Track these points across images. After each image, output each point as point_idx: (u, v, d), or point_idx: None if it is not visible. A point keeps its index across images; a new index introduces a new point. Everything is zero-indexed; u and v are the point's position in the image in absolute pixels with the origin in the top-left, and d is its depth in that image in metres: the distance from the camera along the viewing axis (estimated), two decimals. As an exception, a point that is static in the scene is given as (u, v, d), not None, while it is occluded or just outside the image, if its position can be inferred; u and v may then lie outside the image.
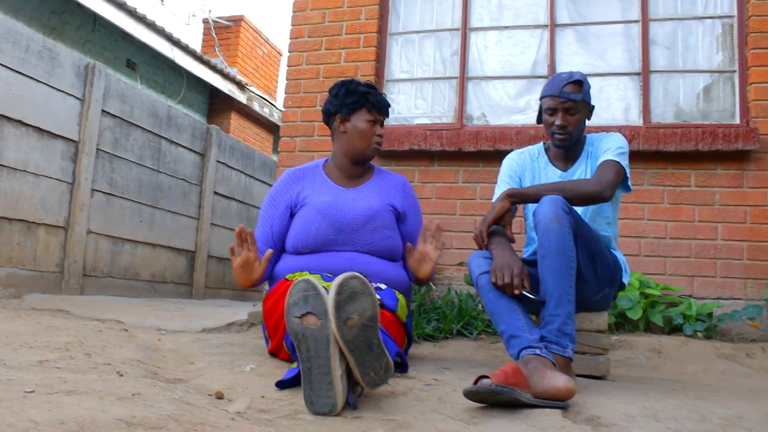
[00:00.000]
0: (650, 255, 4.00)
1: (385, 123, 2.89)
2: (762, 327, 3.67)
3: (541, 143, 2.78)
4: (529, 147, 2.80)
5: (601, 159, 2.53)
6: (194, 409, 1.40)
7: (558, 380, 1.87)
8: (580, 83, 2.59)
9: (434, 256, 2.59)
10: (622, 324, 3.72)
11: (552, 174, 2.66)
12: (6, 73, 4.53)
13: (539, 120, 2.72)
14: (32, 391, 1.33)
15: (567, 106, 2.55)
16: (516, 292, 2.20)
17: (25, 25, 4.99)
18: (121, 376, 1.80)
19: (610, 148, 2.55)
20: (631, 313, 3.63)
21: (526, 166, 2.73)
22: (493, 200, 2.70)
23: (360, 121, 2.68)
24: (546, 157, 2.72)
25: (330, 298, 1.69)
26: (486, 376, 1.78)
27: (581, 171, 2.63)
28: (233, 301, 7.06)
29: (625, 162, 2.53)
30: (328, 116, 2.78)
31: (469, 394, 1.77)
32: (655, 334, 3.66)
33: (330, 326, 1.68)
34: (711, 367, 3.13)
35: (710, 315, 3.68)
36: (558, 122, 2.56)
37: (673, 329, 3.70)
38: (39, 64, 4.83)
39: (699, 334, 3.56)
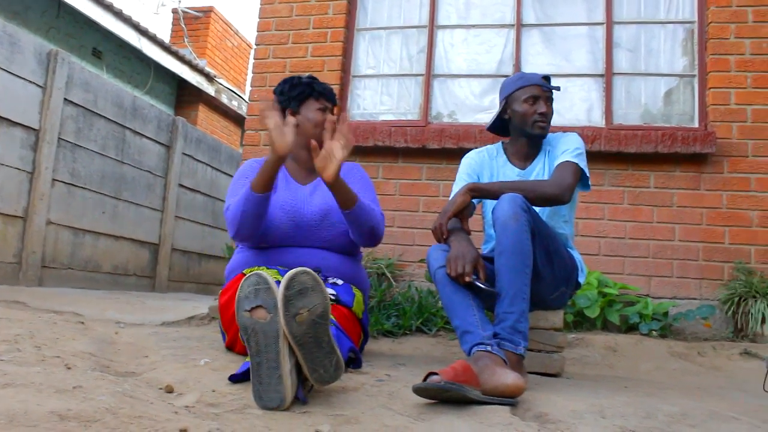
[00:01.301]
0: (609, 255, 4.07)
1: (350, 118, 2.89)
2: (714, 326, 3.75)
3: (500, 143, 2.81)
4: (488, 146, 2.83)
5: (559, 160, 2.56)
6: (136, 402, 1.39)
7: (508, 377, 1.88)
8: (549, 78, 2.70)
9: (339, 154, 2.31)
10: (580, 322, 3.77)
11: (510, 172, 2.69)
12: (-37, 59, 4.44)
13: (496, 124, 2.76)
14: (-32, 384, 1.31)
15: (549, 95, 2.64)
16: (467, 279, 2.21)
17: (-14, 10, 4.89)
18: (69, 369, 1.78)
19: (568, 149, 2.58)
20: (589, 311, 3.68)
21: (484, 164, 2.75)
22: (452, 197, 2.72)
23: (310, 111, 2.68)
24: (504, 156, 2.75)
25: (279, 293, 1.69)
26: (435, 373, 1.79)
27: (539, 169, 2.66)
28: (196, 295, 7.00)
29: (583, 163, 2.57)
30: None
31: (418, 391, 1.78)
32: (611, 332, 3.72)
33: (279, 321, 1.67)
34: (664, 365, 3.18)
35: (666, 314, 3.75)
36: (542, 110, 2.60)
37: (630, 328, 3.76)
38: (-2, 50, 4.74)
39: (654, 332, 3.63)
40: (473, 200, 2.58)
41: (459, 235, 2.39)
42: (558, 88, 2.70)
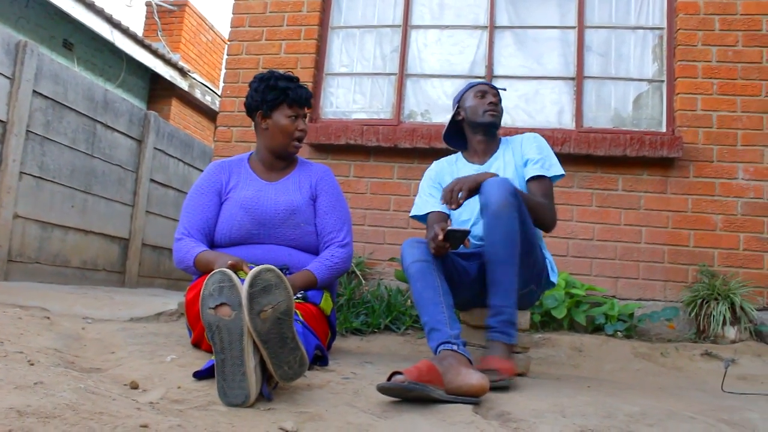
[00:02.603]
0: (577, 256, 4.12)
1: (323, 116, 2.90)
2: (678, 328, 3.82)
3: (459, 152, 2.89)
4: (449, 156, 2.92)
5: (535, 170, 2.62)
6: (98, 398, 1.38)
7: (472, 377, 1.91)
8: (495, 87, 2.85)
9: None
10: (547, 322, 3.81)
11: (470, 170, 2.74)
12: (-70, 48, 4.36)
13: (451, 132, 2.87)
14: (-76, 380, 1.30)
15: (495, 93, 2.77)
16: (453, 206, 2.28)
17: (-46, -2, 4.81)
18: (32, 365, 1.77)
19: (543, 158, 2.64)
20: (556, 312, 3.73)
21: (444, 170, 2.83)
22: (413, 213, 2.78)
23: (281, 117, 2.67)
24: (463, 160, 2.83)
25: (243, 290, 1.70)
26: (400, 373, 1.81)
27: (499, 165, 2.72)
28: (167, 291, 6.95)
29: (556, 167, 2.66)
30: (249, 111, 2.76)
31: (382, 390, 1.79)
32: (578, 333, 3.76)
33: (243, 318, 1.68)
34: (627, 365, 3.24)
35: (631, 315, 3.81)
36: (491, 100, 2.72)
37: (596, 329, 3.81)
38: (-34, 40, 4.66)
39: (619, 333, 3.69)
40: (446, 212, 2.67)
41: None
42: (504, 89, 2.88)
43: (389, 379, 1.80)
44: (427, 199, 2.78)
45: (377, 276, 4.19)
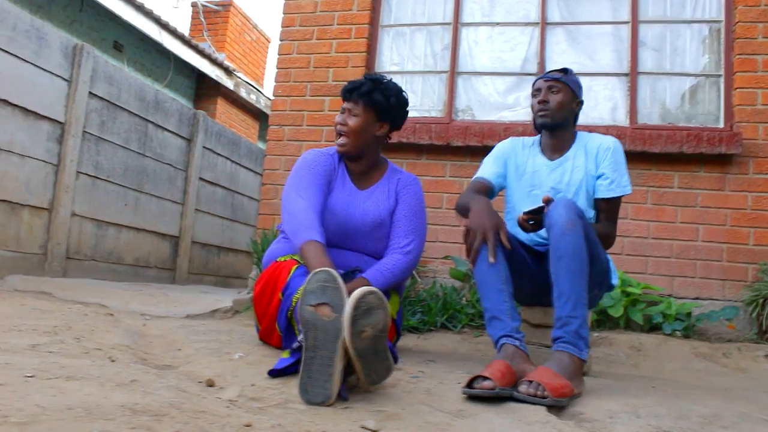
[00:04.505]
0: (632, 254, 4.07)
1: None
2: (738, 327, 3.75)
3: (539, 135, 2.81)
4: (527, 137, 2.84)
5: (608, 192, 2.59)
6: (191, 396, 1.42)
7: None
8: (566, 70, 2.70)
9: None
10: (602, 321, 3.78)
11: (539, 162, 2.70)
12: (-7, 52, 4.49)
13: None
14: (32, 376, 1.34)
15: (549, 84, 2.65)
16: (490, 260, 2.21)
17: (11, 2, 4.93)
18: (113, 361, 1.82)
19: (616, 177, 2.60)
20: (612, 310, 3.69)
21: (516, 151, 2.76)
22: (475, 177, 2.74)
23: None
24: (538, 147, 2.76)
25: (346, 313, 1.71)
26: (482, 377, 1.83)
27: (570, 164, 2.66)
28: (216, 288, 7.05)
29: (625, 178, 2.63)
30: None
31: (472, 397, 1.82)
32: (634, 332, 3.72)
33: (343, 330, 1.69)
34: (688, 365, 3.19)
35: (689, 314, 3.75)
36: (540, 98, 2.64)
37: (652, 328, 3.76)
38: (26, 43, 4.78)
39: (677, 333, 3.63)
40: (494, 185, 2.63)
41: (478, 199, 2.38)
42: (564, 70, 2.70)
43: (471, 382, 1.82)
44: (486, 168, 2.74)
45: (431, 274, 4.20)
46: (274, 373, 1.95)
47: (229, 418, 1.25)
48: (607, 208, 2.63)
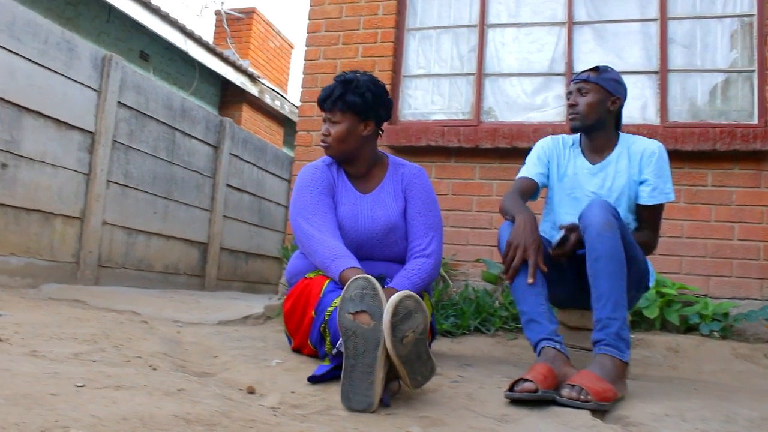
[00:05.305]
0: (666, 254, 4.01)
1: (401, 118, 2.85)
2: (778, 327, 3.67)
3: (579, 136, 2.76)
4: (566, 135, 2.79)
5: (650, 199, 2.54)
6: (238, 405, 1.42)
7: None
8: (597, 69, 2.62)
9: None
10: (638, 322, 3.73)
11: (580, 165, 2.65)
12: (26, 65, 4.55)
13: None
14: (82, 386, 1.35)
15: (579, 86, 2.59)
16: (529, 281, 2.20)
17: (42, 15, 5.00)
18: (155, 369, 1.83)
19: (660, 184, 2.55)
20: (648, 311, 3.64)
21: (558, 151, 2.71)
22: (519, 175, 2.70)
23: None
24: (579, 148, 2.71)
25: (386, 320, 1.70)
26: (525, 380, 1.81)
27: (613, 168, 2.60)
28: (245, 294, 7.09)
29: (668, 185, 2.59)
30: None
31: (515, 400, 1.81)
32: (670, 333, 3.67)
33: (383, 337, 1.69)
34: (729, 367, 3.13)
35: (726, 315, 3.68)
36: (569, 102, 2.61)
37: (689, 328, 3.70)
38: (57, 55, 4.85)
39: (715, 333, 3.57)
40: (538, 185, 2.61)
41: (523, 212, 2.35)
42: (596, 68, 2.62)
43: (512, 385, 1.81)
44: (530, 167, 2.69)
45: (461, 277, 4.18)
46: (313, 380, 1.95)
47: (280, 427, 1.24)
48: (649, 215, 2.59)
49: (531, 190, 2.61)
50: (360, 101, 2.51)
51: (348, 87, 2.51)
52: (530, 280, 2.19)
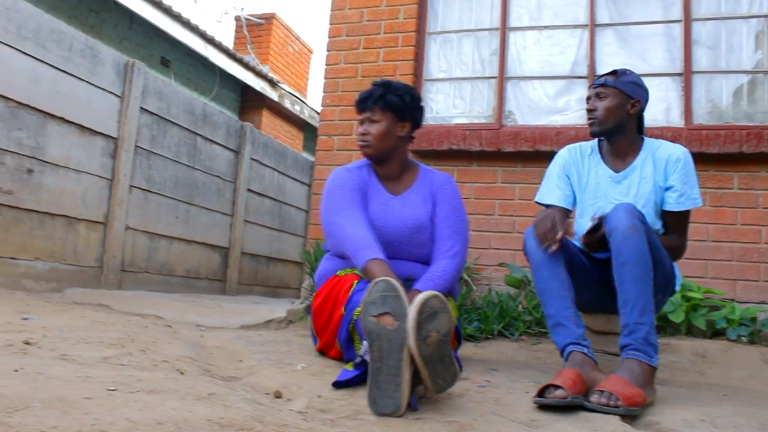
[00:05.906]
0: (691, 258, 3.95)
1: (423, 122, 2.88)
2: (807, 332, 3.61)
3: (596, 140, 2.73)
4: (584, 143, 2.75)
5: (676, 205, 2.51)
6: (268, 409, 1.42)
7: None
8: (615, 72, 2.60)
9: None
10: (663, 327, 3.68)
11: (602, 174, 2.61)
12: (51, 72, 4.61)
13: None
14: (115, 390, 1.36)
15: (597, 91, 2.57)
16: (553, 247, 2.20)
17: (66, 23, 5.06)
18: (182, 374, 1.83)
19: (686, 190, 2.50)
20: (673, 316, 3.59)
21: (576, 162, 2.68)
22: (537, 199, 2.70)
23: None
24: (599, 155, 2.67)
25: (411, 318, 1.70)
26: (554, 386, 1.79)
27: (637, 175, 2.55)
28: (266, 298, 7.12)
29: (695, 190, 2.55)
30: None
31: (544, 406, 1.80)
32: (697, 338, 3.62)
33: (408, 339, 1.68)
34: (758, 373, 3.09)
35: (754, 319, 3.63)
36: (587, 108, 2.58)
37: (715, 333, 3.65)
38: (81, 62, 4.90)
39: (743, 338, 3.52)
40: (567, 210, 2.60)
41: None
42: (614, 72, 2.60)
43: (542, 391, 1.79)
44: (552, 189, 2.67)
45: (484, 281, 4.15)
46: (338, 385, 1.94)
47: (312, 432, 1.24)
48: (677, 221, 2.55)
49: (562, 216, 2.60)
50: (399, 101, 2.64)
51: (388, 88, 2.66)
52: (554, 247, 2.20)
